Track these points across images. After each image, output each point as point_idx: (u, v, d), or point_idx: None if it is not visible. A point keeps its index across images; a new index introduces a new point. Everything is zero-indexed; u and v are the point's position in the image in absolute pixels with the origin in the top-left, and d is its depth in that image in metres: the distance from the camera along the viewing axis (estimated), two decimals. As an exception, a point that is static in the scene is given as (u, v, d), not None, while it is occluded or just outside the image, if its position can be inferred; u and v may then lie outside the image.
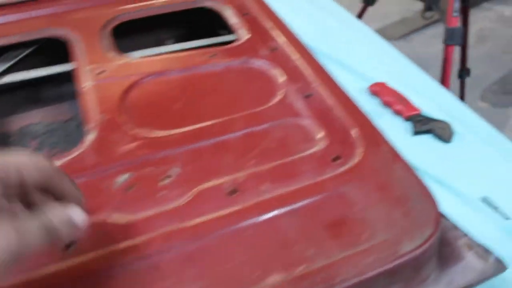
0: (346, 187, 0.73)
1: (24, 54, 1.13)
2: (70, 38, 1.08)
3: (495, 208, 0.87)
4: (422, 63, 3.24)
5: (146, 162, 0.80)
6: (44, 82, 1.19)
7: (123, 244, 0.66)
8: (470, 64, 2.21)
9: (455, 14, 1.50)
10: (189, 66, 0.97)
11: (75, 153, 0.82)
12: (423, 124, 1.02)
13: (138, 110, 0.90)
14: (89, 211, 0.72)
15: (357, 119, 0.84)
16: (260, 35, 1.05)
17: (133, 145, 0.83)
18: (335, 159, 0.78)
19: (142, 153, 0.81)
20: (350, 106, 0.87)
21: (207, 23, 1.29)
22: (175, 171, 0.79)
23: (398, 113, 1.07)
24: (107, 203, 0.74)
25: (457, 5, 1.49)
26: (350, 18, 1.45)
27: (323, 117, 0.85)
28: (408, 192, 0.71)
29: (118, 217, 0.72)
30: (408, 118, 1.05)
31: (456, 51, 1.81)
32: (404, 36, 3.51)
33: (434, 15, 1.80)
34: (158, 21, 1.24)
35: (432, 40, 3.30)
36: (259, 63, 0.98)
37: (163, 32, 1.35)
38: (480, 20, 3.62)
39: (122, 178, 0.78)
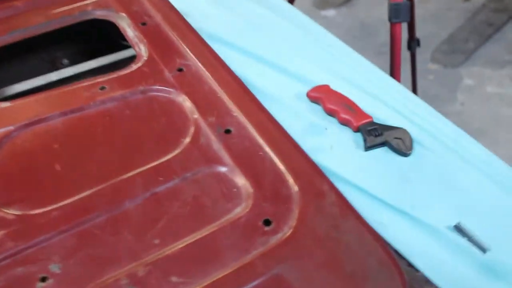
0: (283, 267, 0.54)
1: None
2: None
3: (469, 237, 0.70)
4: (368, 30, 3.07)
5: (16, 259, 0.59)
6: None
7: None
8: (416, 24, 2.07)
9: (397, -13, 1.31)
10: (72, 107, 0.75)
11: None
12: (376, 135, 0.84)
13: (7, 179, 0.68)
14: None
15: (292, 159, 0.64)
16: (162, 51, 0.83)
17: (-2, 234, 0.61)
18: (266, 223, 0.59)
19: (11, 245, 0.60)
20: (282, 140, 0.67)
21: (111, 35, 1.06)
22: (54, 268, 0.58)
23: (345, 123, 0.89)
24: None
25: (400, -23, 1.29)
26: (283, 7, 1.22)
27: (248, 161, 0.65)
28: (365, 263, 0.53)
29: None
30: (357, 129, 0.87)
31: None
32: (348, 1, 3.32)
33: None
34: (49, 38, 1.00)
35: (377, 2, 3.13)
36: (162, 92, 0.76)
37: (57, 51, 1.10)
38: (422, -24, 3.46)
39: (-17, 287, 0.57)
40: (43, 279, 0.57)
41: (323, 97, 0.92)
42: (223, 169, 0.65)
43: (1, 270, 0.57)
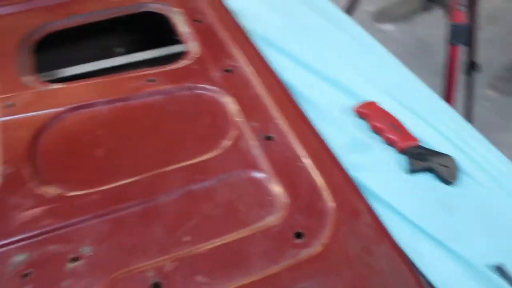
0: (309, 283, 0.52)
1: None
2: (-19, 56, 0.87)
3: (510, 280, 0.66)
4: (426, 48, 2.99)
5: (51, 236, 0.61)
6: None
7: None
8: (476, 48, 1.98)
9: (461, 8, 1.26)
10: (120, 95, 0.76)
11: (-38, 221, 0.62)
12: (421, 160, 0.81)
13: (51, 158, 0.70)
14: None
15: (331, 175, 0.63)
16: (212, 50, 0.83)
17: (37, 210, 0.63)
18: (297, 236, 0.57)
19: (48, 222, 0.62)
20: (323, 154, 0.66)
21: (163, 29, 1.08)
22: (86, 250, 0.59)
23: (390, 143, 0.86)
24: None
25: (464, -4, 1.25)
26: (339, 17, 1.20)
27: (286, 170, 0.64)
28: (394, 291, 0.51)
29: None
30: (403, 151, 0.84)
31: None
32: (408, 16, 3.25)
33: (434, 6, 1.56)
34: (105, 27, 1.02)
35: (438, 21, 3.05)
36: (208, 91, 0.76)
37: (111, 39, 1.13)
38: (490, -2, 3.34)
39: (18, 259, 0.59)
40: (74, 260, 0.58)
41: (371, 114, 0.90)
42: (260, 175, 0.65)
43: (36, 245, 0.59)
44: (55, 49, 1.02)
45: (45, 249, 0.59)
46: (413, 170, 0.80)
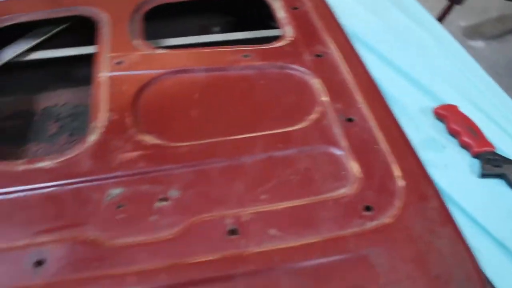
0: (371, 250, 0.57)
1: (55, 31, 1.05)
2: (99, 18, 0.98)
3: None
4: (518, 70, 2.86)
5: (144, 177, 0.69)
6: (76, 62, 1.10)
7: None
8: None
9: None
10: (217, 66, 0.84)
11: (71, 154, 0.72)
12: (494, 166, 0.82)
13: (150, 112, 0.79)
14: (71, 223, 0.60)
15: (405, 160, 0.66)
16: (306, 36, 0.88)
17: (134, 154, 0.72)
18: (366, 209, 0.62)
19: (143, 165, 0.70)
20: (400, 141, 0.69)
21: (259, 13, 1.15)
22: (173, 193, 0.67)
23: (465, 146, 0.87)
24: (92, 219, 0.63)
25: None
26: (430, 22, 1.22)
27: (363, 150, 0.69)
28: (452, 273, 0.54)
29: (99, 237, 0.61)
30: (476, 155, 0.85)
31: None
32: (501, 35, 3.12)
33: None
34: (204, 6, 1.11)
35: (534, 42, 2.92)
36: (298, 71, 0.82)
37: (209, 18, 1.22)
38: None
39: (114, 192, 0.67)
40: (162, 200, 0.65)
41: (449, 116, 0.91)
42: (338, 152, 0.69)
43: (131, 183, 0.67)
44: (159, 20, 1.12)
45: (139, 187, 0.67)
46: (484, 175, 0.82)
